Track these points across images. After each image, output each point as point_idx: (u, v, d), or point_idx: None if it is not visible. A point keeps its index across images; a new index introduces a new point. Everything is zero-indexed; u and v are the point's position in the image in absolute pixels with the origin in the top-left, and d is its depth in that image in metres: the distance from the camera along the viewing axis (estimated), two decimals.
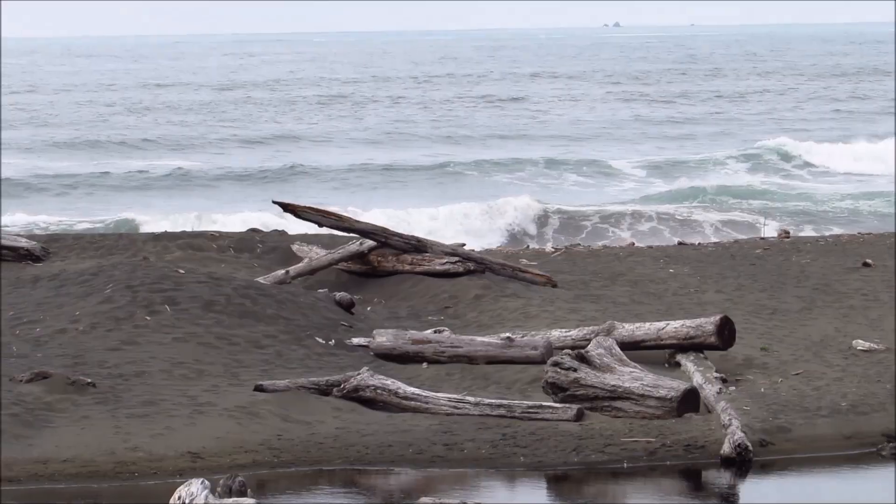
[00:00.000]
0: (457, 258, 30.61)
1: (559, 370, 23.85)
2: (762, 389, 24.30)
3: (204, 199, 63.83)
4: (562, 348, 24.89)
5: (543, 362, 24.42)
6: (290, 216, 33.46)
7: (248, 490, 19.07)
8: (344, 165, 79.54)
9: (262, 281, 28.67)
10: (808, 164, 76.51)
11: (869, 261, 31.96)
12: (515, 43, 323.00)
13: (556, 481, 21.63)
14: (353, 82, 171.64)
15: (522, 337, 25.87)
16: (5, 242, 30.67)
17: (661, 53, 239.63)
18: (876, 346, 26.19)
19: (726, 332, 25.09)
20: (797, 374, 25.29)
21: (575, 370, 23.76)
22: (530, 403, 23.41)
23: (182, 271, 28.53)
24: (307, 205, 33.04)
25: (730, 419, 22.50)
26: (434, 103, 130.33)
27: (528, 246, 36.90)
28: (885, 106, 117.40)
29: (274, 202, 34.82)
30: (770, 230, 44.63)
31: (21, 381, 23.14)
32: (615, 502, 20.77)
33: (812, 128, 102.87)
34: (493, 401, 23.50)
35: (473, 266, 30.65)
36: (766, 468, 22.11)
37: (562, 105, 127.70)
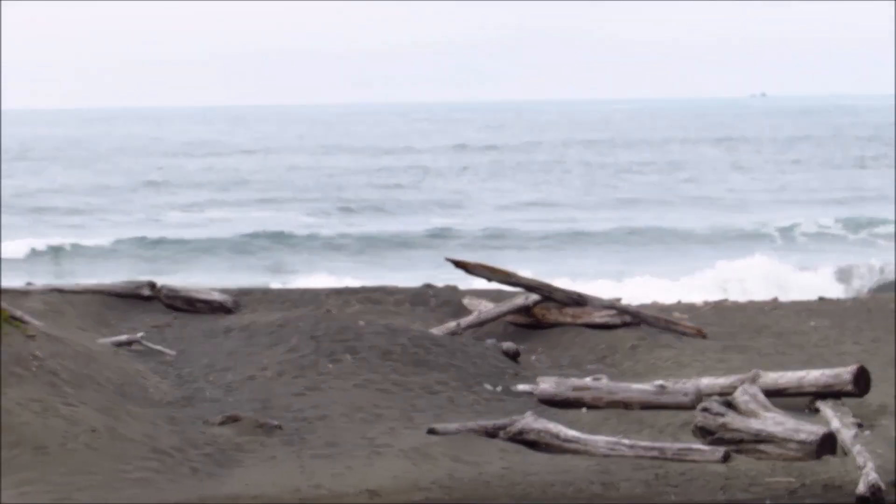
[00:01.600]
0: (614, 311, 30.44)
1: (708, 415, 23.85)
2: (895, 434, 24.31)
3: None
4: (710, 395, 25.01)
5: (693, 408, 24.45)
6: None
7: None
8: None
9: (435, 332, 28.67)
10: None
11: None
12: (682, 110, 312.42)
13: None
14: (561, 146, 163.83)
15: (674, 384, 25.89)
16: (200, 296, 31.01)
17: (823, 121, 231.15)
18: None
19: (862, 381, 24.96)
20: None
21: (723, 415, 23.78)
22: (681, 446, 23.41)
23: (362, 323, 28.54)
24: (478, 262, 33.19)
25: (865, 461, 22.35)
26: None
27: (679, 301, 36.52)
28: None
29: (447, 259, 34.60)
30: None
31: (214, 423, 23.59)
32: None
33: None
34: (646, 443, 23.56)
35: (630, 318, 30.48)
36: None
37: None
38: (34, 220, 75.10)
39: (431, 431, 23.83)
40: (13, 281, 36.96)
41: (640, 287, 46.54)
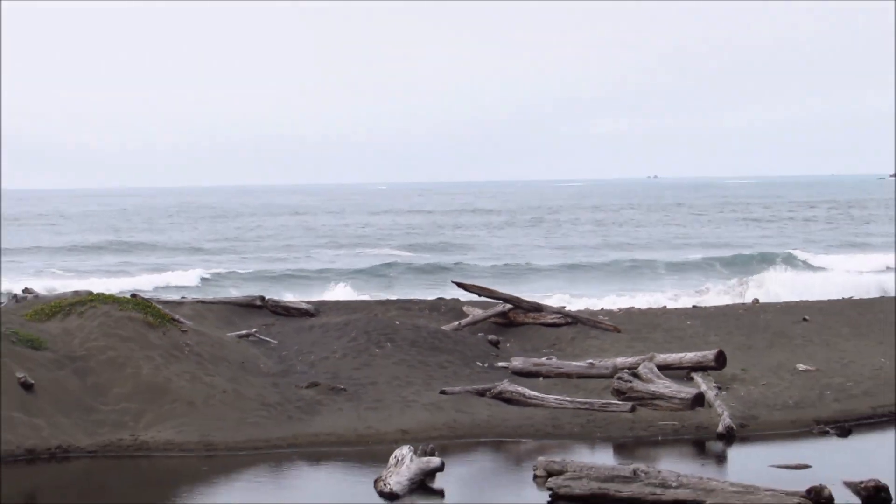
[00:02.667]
0: (560, 315, 30.14)
1: (621, 382, 23.88)
2: (741, 393, 24.24)
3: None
4: (623, 369, 25.00)
5: (611, 377, 24.52)
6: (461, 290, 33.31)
7: (436, 451, 19.40)
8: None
9: (445, 328, 28.49)
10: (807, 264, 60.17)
11: (807, 317, 31.00)
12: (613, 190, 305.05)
13: (619, 448, 21.61)
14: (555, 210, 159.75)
15: (599, 362, 25.88)
16: (293, 305, 30.79)
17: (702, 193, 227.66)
18: (810, 368, 25.91)
19: (721, 360, 25.11)
20: (763, 384, 25.01)
21: (630, 382, 23.90)
22: (604, 401, 23.37)
23: (398, 322, 28.46)
24: (472, 283, 32.71)
25: (722, 411, 22.69)
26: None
27: (602, 308, 36.33)
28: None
29: (452, 281, 34.92)
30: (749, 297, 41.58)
31: (302, 387, 23.57)
32: (653, 460, 20.03)
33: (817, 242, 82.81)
34: (581, 400, 23.49)
35: (570, 319, 30.14)
36: (744, 440, 22.00)
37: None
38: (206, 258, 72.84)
39: (443, 392, 23.87)
40: (172, 295, 36.95)
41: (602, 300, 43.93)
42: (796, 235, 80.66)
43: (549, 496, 17.98)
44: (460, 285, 32.43)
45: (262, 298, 30.80)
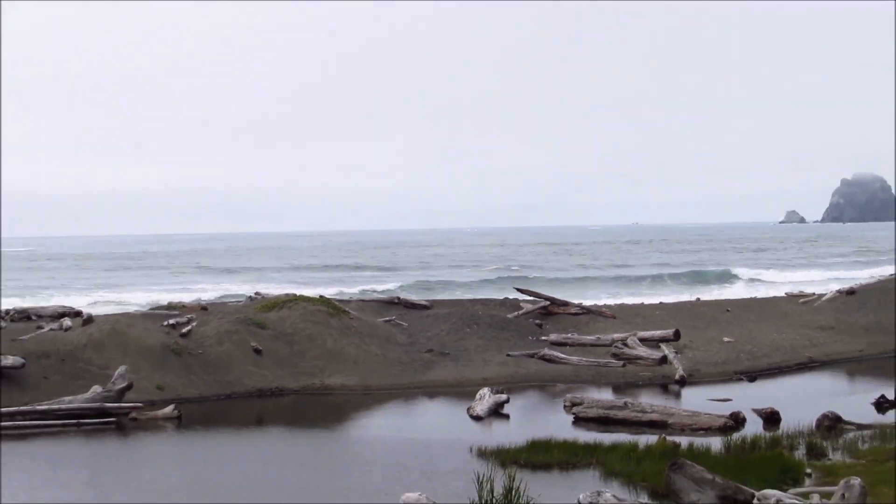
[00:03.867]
0: (580, 308, 28.96)
1: (616, 348, 23.54)
2: (690, 356, 23.61)
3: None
4: (618, 341, 24.34)
5: (611, 346, 23.92)
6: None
7: (504, 391, 19.32)
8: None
9: (509, 316, 27.16)
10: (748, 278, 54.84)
11: (728, 309, 29.53)
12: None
13: (615, 389, 20.94)
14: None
15: (604, 337, 25.10)
16: (417, 302, 29.07)
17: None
18: (731, 340, 25.03)
19: (677, 335, 24.26)
20: (702, 350, 24.37)
21: (622, 348, 23.48)
22: (606, 360, 22.96)
23: (480, 313, 27.36)
24: (525, 288, 31.96)
25: (678, 366, 22.38)
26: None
27: (605, 304, 34.22)
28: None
29: (515, 287, 33.43)
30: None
31: (422, 352, 23.08)
32: (636, 396, 19.48)
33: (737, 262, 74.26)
34: (593, 360, 23.05)
35: (585, 311, 28.72)
36: (691, 384, 21.42)
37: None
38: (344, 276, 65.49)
39: (508, 355, 23.46)
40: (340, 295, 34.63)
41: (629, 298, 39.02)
42: (723, 260, 77.14)
43: (573, 418, 17.76)
44: (519, 290, 31.52)
45: (398, 298, 29.76)
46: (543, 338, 25.53)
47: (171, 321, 22.26)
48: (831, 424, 16.35)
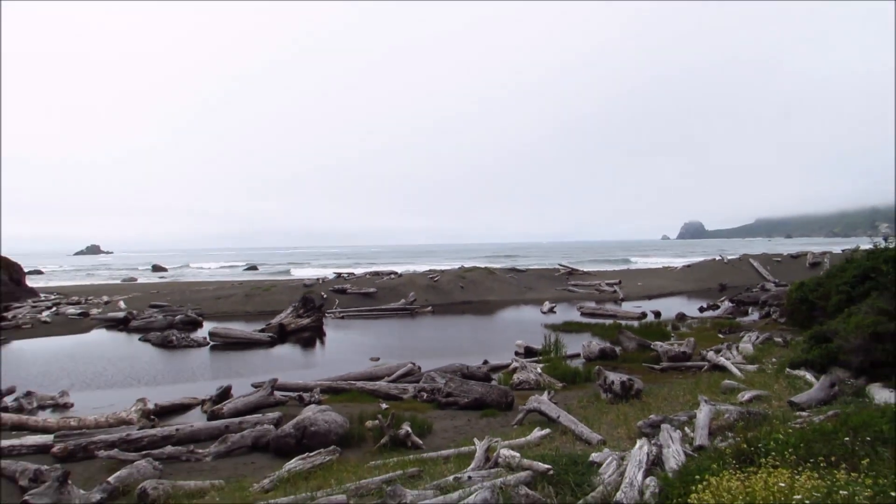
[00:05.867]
0: (583, 272, 38.14)
1: (597, 288, 30.90)
2: (624, 289, 30.81)
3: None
4: (597, 284, 32.37)
5: (596, 286, 32.68)
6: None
7: (554, 302, 26.14)
8: None
9: (556, 274, 36.10)
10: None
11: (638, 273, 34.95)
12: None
13: (597, 301, 28.34)
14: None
15: (594, 282, 33.74)
16: (520, 267, 35.47)
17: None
18: (641, 284, 31.44)
19: (620, 283, 31.52)
20: (629, 288, 31.69)
21: (600, 287, 32.36)
22: (593, 292, 31.09)
23: (544, 272, 35.86)
24: (563, 263, 38.55)
25: (620, 293, 29.32)
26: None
27: (594, 270, 48.30)
28: None
29: (559, 264, 44.10)
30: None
31: (522, 288, 28.79)
32: (605, 304, 25.42)
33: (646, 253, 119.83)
34: (588, 292, 29.51)
35: (586, 273, 38.95)
36: (625, 301, 29.27)
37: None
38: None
39: (555, 289, 29.89)
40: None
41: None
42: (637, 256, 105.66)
43: (580, 313, 25.83)
44: (560, 265, 41.30)
45: (515, 267, 40.24)
46: (570, 283, 41.32)
47: (433, 276, 42.24)
48: (682, 316, 27.07)
